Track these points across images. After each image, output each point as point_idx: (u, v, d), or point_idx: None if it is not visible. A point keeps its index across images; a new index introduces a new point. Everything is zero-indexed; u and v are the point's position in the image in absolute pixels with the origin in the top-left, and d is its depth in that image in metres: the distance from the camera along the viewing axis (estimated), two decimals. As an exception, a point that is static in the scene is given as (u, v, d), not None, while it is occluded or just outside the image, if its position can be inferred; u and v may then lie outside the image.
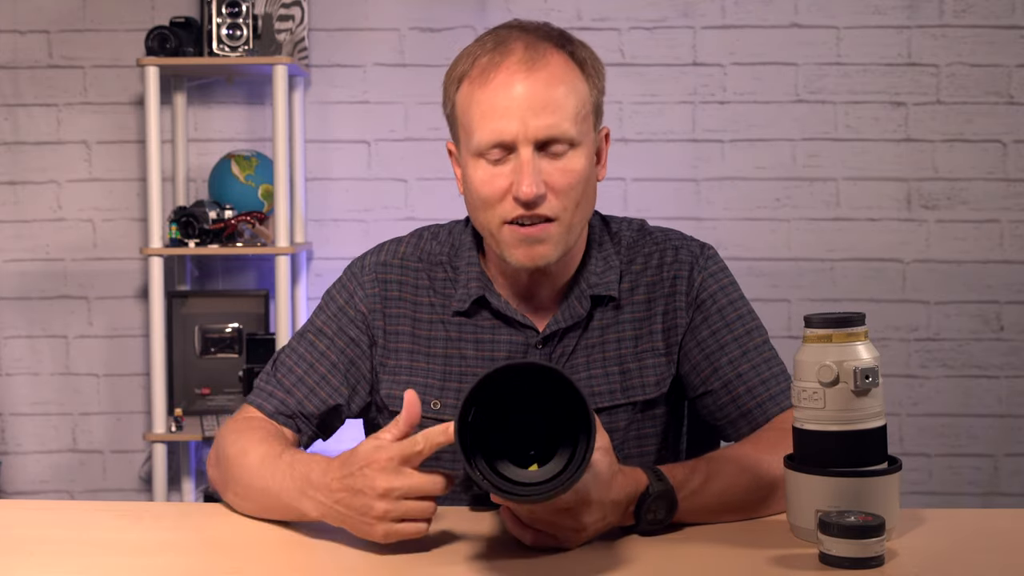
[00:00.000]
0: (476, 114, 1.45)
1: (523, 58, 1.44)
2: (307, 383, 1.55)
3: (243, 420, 1.53)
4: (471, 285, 1.54)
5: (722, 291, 1.57)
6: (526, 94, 1.43)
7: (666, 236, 1.61)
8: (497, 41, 1.47)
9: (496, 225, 1.46)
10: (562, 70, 1.46)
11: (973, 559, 1.26)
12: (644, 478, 1.30)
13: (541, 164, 1.43)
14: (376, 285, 1.58)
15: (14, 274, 3.40)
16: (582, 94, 1.47)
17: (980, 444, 3.36)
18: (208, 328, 3.27)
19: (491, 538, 1.33)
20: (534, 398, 1.17)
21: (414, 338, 1.56)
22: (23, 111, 3.37)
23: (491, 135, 1.43)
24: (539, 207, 1.43)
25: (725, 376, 1.53)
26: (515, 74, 1.43)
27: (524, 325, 1.53)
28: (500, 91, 1.43)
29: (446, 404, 1.54)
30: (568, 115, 1.44)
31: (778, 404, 1.52)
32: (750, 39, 3.34)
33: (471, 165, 1.46)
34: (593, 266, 1.55)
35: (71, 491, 3.42)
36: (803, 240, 3.36)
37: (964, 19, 3.32)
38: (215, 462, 1.51)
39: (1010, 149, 3.34)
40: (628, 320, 1.55)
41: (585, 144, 1.47)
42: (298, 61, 3.23)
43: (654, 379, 1.54)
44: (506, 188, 1.44)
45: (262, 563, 1.30)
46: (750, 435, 1.50)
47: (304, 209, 3.33)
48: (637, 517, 1.30)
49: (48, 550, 1.33)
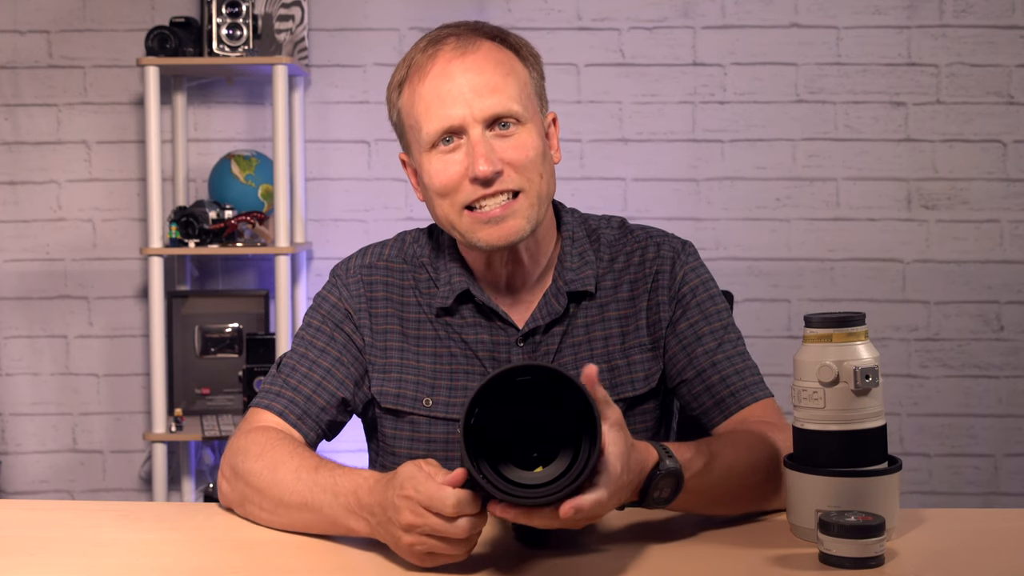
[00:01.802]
0: (421, 108, 1.47)
1: (456, 46, 1.48)
2: (313, 379, 1.55)
3: (257, 431, 1.49)
4: (454, 280, 1.56)
5: (703, 285, 1.58)
6: (466, 77, 1.46)
7: (647, 233, 1.62)
8: (429, 41, 1.50)
9: (456, 213, 1.47)
10: (497, 53, 1.49)
11: (973, 559, 1.26)
12: (654, 454, 1.27)
13: (493, 143, 1.45)
14: (361, 286, 1.59)
15: (14, 274, 3.40)
16: (521, 76, 1.50)
17: (980, 444, 3.36)
18: (208, 328, 3.27)
19: (491, 539, 1.33)
20: (535, 400, 1.16)
21: (404, 337, 1.57)
22: (23, 111, 3.37)
23: (439, 122, 1.45)
24: (500, 183, 1.45)
25: (699, 365, 1.54)
26: (451, 61, 1.47)
27: (505, 322, 1.55)
28: (439, 80, 1.46)
29: (437, 402, 1.55)
30: (511, 94, 1.46)
31: (751, 394, 1.52)
32: (750, 39, 3.34)
33: (425, 161, 1.48)
34: (569, 262, 1.57)
35: (71, 491, 3.42)
36: (803, 240, 3.36)
37: (964, 19, 3.32)
38: (230, 476, 1.46)
39: (1010, 149, 3.34)
40: (614, 317, 1.57)
41: (534, 123, 1.49)
42: (298, 61, 3.23)
43: (642, 374, 1.55)
44: (462, 173, 1.45)
45: (262, 563, 1.30)
46: (743, 426, 1.49)
47: (304, 209, 3.33)
48: (643, 494, 1.27)
49: (48, 550, 1.33)
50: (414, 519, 1.19)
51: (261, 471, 1.40)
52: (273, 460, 1.40)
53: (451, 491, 1.17)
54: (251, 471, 1.41)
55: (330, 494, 1.31)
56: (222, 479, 1.48)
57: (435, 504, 1.17)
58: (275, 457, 1.41)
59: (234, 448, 1.47)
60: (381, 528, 1.25)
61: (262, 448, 1.43)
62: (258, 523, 1.42)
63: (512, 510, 1.15)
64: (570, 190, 3.30)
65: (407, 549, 1.21)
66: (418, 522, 1.19)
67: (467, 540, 1.20)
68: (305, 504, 1.34)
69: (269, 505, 1.39)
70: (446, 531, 1.18)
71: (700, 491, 1.32)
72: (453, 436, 1.55)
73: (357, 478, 1.30)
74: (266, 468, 1.40)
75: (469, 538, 1.20)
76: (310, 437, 1.54)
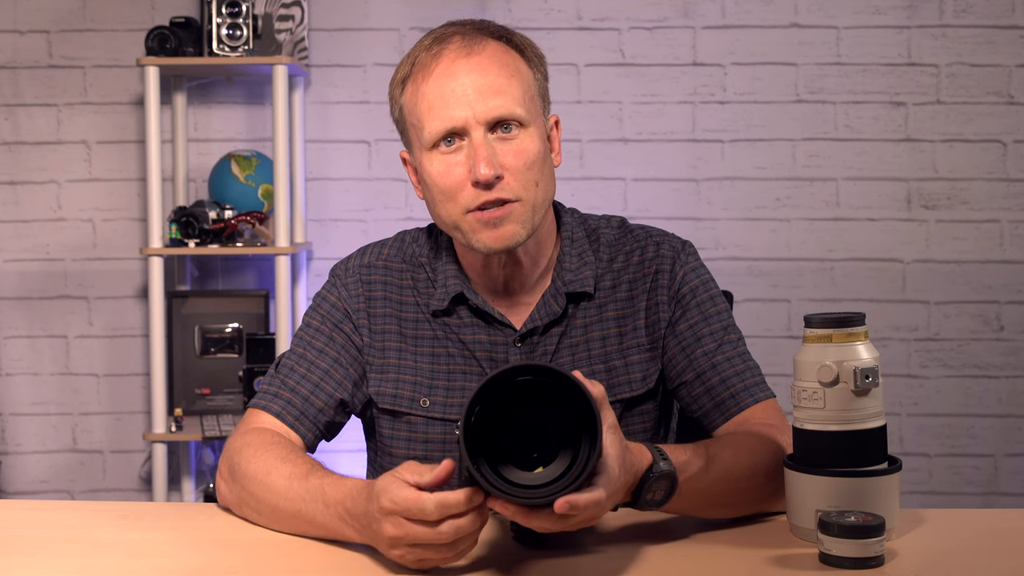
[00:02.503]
0: (423, 107, 1.47)
1: (461, 45, 1.47)
2: (311, 379, 1.55)
3: (254, 432, 1.49)
4: (449, 283, 1.56)
5: (703, 286, 1.58)
6: (470, 78, 1.45)
7: (647, 233, 1.62)
8: (434, 39, 1.49)
9: (459, 215, 1.47)
10: (502, 54, 1.48)
11: (973, 559, 1.26)
12: (648, 456, 1.26)
13: (494, 146, 1.45)
14: (359, 286, 1.59)
15: (14, 274, 3.40)
16: (526, 77, 1.49)
17: (980, 444, 3.37)
18: (208, 328, 3.27)
19: (490, 540, 1.32)
20: (535, 400, 1.16)
21: (402, 337, 1.57)
22: (23, 111, 3.38)
23: (441, 123, 1.45)
24: (498, 190, 1.44)
25: (699, 367, 1.53)
26: (455, 61, 1.46)
27: (502, 323, 1.54)
28: (443, 79, 1.45)
29: (435, 402, 1.54)
30: (514, 96, 1.46)
31: (752, 395, 1.51)
32: (750, 39, 3.34)
33: (426, 161, 1.48)
34: (568, 263, 1.56)
35: (71, 491, 3.43)
36: (803, 240, 3.36)
37: (964, 19, 3.32)
38: (228, 477, 1.45)
39: (1010, 149, 3.34)
40: (612, 317, 1.56)
41: (536, 126, 1.48)
42: (298, 61, 3.23)
43: (640, 375, 1.55)
44: (464, 175, 1.45)
45: (262, 563, 1.30)
46: (744, 428, 1.48)
47: (304, 209, 3.33)
48: (636, 495, 1.25)
49: (48, 550, 1.33)
50: (395, 531, 1.17)
51: (255, 475, 1.40)
52: (266, 465, 1.40)
53: (429, 496, 1.15)
54: (246, 474, 1.41)
55: (321, 504, 1.30)
56: (220, 480, 1.48)
57: (414, 512, 1.15)
58: (268, 462, 1.40)
59: (231, 449, 1.47)
60: (371, 539, 1.24)
61: (255, 451, 1.43)
62: (256, 524, 1.42)
63: (511, 507, 1.14)
64: (570, 190, 3.30)
65: (399, 560, 1.20)
66: (399, 534, 1.17)
67: (455, 544, 1.17)
68: (298, 512, 1.33)
69: (265, 510, 1.39)
70: (430, 538, 1.15)
71: (697, 493, 1.31)
72: (451, 436, 1.54)
73: (344, 488, 1.28)
74: (260, 472, 1.39)
75: (458, 541, 1.17)
76: (308, 438, 1.54)
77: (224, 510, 1.48)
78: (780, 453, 1.40)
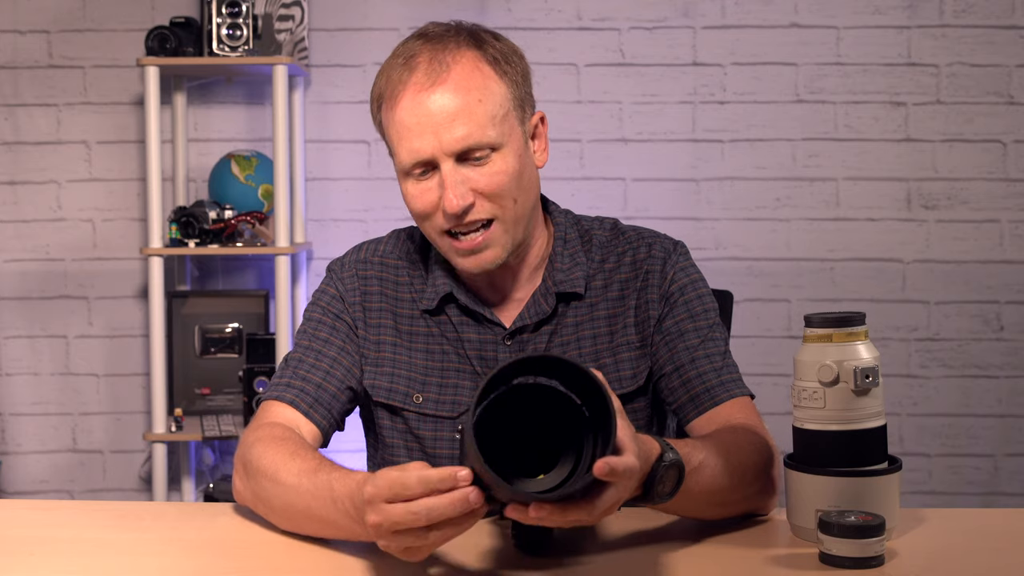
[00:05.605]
0: (393, 136, 1.48)
1: (427, 71, 1.45)
2: (321, 367, 1.55)
3: (266, 427, 1.47)
4: (438, 283, 1.57)
5: (692, 285, 1.58)
6: (435, 109, 1.44)
7: (639, 234, 1.62)
8: (406, 56, 1.48)
9: (436, 235, 1.50)
10: (468, 75, 1.45)
11: (973, 559, 1.26)
12: (657, 445, 1.22)
13: (466, 173, 1.45)
14: (356, 280, 1.60)
15: (14, 274, 3.40)
16: (497, 95, 1.46)
17: (980, 444, 3.37)
18: (208, 328, 3.27)
19: (490, 546, 1.32)
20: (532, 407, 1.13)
21: (397, 332, 1.58)
22: (23, 111, 3.38)
23: (409, 155, 1.46)
24: (472, 215, 1.45)
25: (679, 361, 1.53)
26: (420, 92, 1.44)
27: (491, 321, 1.55)
28: (408, 111, 1.45)
29: (427, 399, 1.55)
30: (482, 121, 1.44)
31: (728, 391, 1.51)
32: (750, 39, 3.34)
33: (402, 182, 1.50)
34: (560, 263, 1.57)
35: (71, 491, 3.43)
36: (803, 240, 3.36)
37: (964, 19, 3.32)
38: (243, 473, 1.43)
39: (1010, 149, 3.34)
40: (603, 316, 1.57)
41: (510, 143, 1.47)
42: (298, 61, 3.23)
43: (630, 372, 1.55)
44: (436, 201, 1.46)
45: (262, 563, 1.30)
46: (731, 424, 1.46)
47: (304, 209, 3.33)
48: (647, 487, 1.21)
49: (48, 550, 1.33)
50: (376, 518, 1.12)
51: (269, 471, 1.37)
52: (276, 462, 1.38)
53: (412, 473, 1.10)
54: (260, 470, 1.39)
55: (329, 500, 1.28)
56: (236, 477, 1.46)
57: (397, 491, 1.10)
58: (278, 459, 1.38)
59: (245, 444, 1.45)
60: (367, 533, 1.20)
61: (267, 446, 1.41)
62: (271, 522, 1.39)
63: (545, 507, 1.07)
64: (570, 190, 3.30)
65: (386, 549, 1.15)
66: (379, 519, 1.12)
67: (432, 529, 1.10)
68: (309, 509, 1.31)
69: (278, 506, 1.36)
70: (407, 521, 1.10)
71: (694, 490, 1.29)
72: (441, 434, 1.55)
73: (350, 482, 1.25)
74: (272, 469, 1.37)
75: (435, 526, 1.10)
76: (323, 425, 1.53)
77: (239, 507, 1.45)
78: (768, 452, 1.40)
